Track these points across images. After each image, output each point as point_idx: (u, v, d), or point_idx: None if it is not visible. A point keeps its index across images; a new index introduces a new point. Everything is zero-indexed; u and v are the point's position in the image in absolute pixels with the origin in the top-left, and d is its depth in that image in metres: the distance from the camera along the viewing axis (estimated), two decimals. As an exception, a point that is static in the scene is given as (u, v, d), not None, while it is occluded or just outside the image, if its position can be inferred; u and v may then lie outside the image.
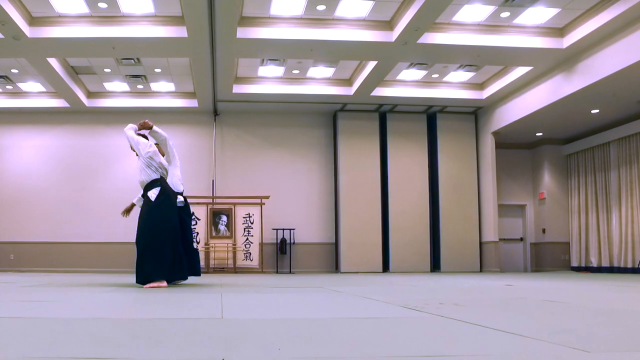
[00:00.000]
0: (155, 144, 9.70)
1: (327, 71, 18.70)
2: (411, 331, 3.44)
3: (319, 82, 19.47)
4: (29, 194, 21.01)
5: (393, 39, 15.27)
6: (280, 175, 21.25)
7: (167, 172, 9.24)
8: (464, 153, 21.43)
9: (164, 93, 20.53)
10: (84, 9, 14.61)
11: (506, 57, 16.67)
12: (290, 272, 20.06)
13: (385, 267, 20.84)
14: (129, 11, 14.79)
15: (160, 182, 8.99)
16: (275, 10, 14.74)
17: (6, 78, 18.95)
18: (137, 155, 9.14)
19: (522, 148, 22.96)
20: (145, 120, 9.25)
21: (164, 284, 8.53)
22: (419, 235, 20.94)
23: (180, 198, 9.65)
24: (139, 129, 9.19)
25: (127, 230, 19.70)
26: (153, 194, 8.87)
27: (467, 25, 15.42)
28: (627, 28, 14.35)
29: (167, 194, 8.99)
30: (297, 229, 20.84)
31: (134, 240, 8.77)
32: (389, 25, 15.30)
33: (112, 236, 20.42)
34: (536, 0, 14.00)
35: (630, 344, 2.90)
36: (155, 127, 9.35)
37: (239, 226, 19.92)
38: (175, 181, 9.73)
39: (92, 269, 20.09)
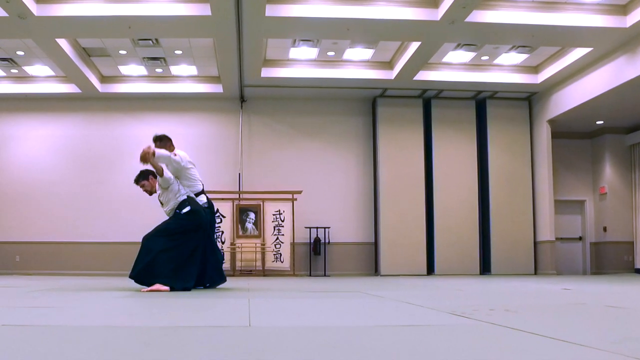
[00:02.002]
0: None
1: (366, 53, 18.65)
2: (458, 340, 3.44)
3: (357, 65, 19.41)
4: (36, 189, 20.88)
5: (438, 17, 15.19)
6: (314, 168, 21.20)
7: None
8: (516, 143, 21.27)
9: (185, 77, 20.52)
10: (98, -15, 14.69)
11: (563, 38, 16.53)
12: (324, 275, 20.07)
13: (430, 270, 20.74)
14: (147, -13, 14.84)
15: (189, 202, 9.38)
16: (308, -14, 14.74)
17: (11, 61, 18.85)
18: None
19: (580, 138, 22.73)
20: (143, 149, 9.22)
21: (167, 288, 8.76)
22: (466, 234, 20.83)
23: (204, 199, 9.86)
24: (140, 161, 9.30)
25: (146, 229, 19.75)
26: (184, 211, 9.24)
27: (521, 1, 15.29)
28: (699, 3, 14.21)
29: (199, 213, 9.35)
30: (333, 228, 20.75)
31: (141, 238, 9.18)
32: (434, 2, 15.23)
33: (129, 236, 19.95)
34: (598, -27, 13.90)
35: (702, 356, 2.87)
36: (157, 152, 9.35)
37: (268, 224, 19.92)
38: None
39: (107, 271, 19.90)
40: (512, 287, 10.77)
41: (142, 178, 9.86)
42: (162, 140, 9.85)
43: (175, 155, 9.63)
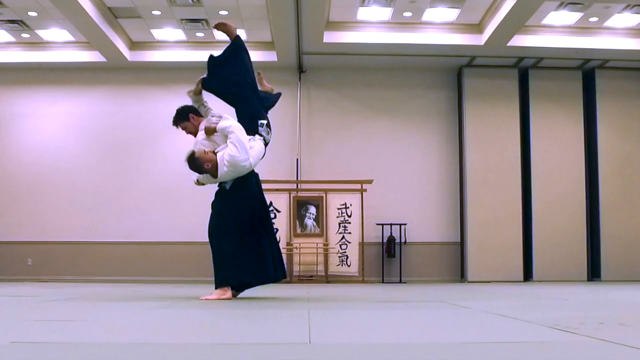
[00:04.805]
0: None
1: (450, 13, 18.60)
2: (561, 360, 3.44)
3: (439, 28, 19.32)
4: (52, 178, 20.71)
5: (537, -30, 15.10)
6: (387, 152, 21.10)
7: None
8: (632, 122, 21.00)
9: (232, 43, 20.45)
10: None
11: (691, -7, 16.33)
12: (400, 282, 19.99)
13: (527, 275, 20.60)
14: None
15: None
16: None
17: (22, 23, 18.68)
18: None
19: None
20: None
21: (228, 294, 8.90)
22: (572, 232, 20.61)
23: None
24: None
25: (185, 225, 19.82)
26: (228, 183, 9.25)
27: (638, -51, 15.15)
28: None
29: (247, 180, 9.29)
30: (410, 224, 20.62)
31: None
32: (531, -49, 15.15)
33: (162, 234, 20.34)
34: None
35: None
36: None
37: (332, 220, 19.89)
38: None
39: (137, 277, 19.95)
40: (627, 296, 10.69)
41: (182, 118, 9.82)
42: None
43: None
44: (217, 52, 20.39)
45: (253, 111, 9.64)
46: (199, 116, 9.73)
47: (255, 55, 20.27)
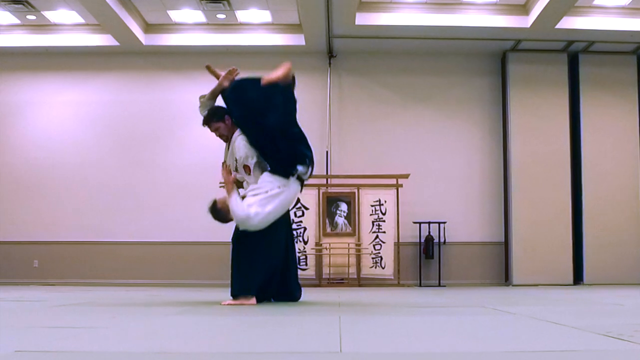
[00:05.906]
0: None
1: (492, -7, 18.52)
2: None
3: (481, 9, 19.23)
4: (60, 173, 20.66)
5: (589, -55, 15.03)
6: (424, 145, 21.03)
7: None
8: (693, 111, 20.94)
9: (256, 26, 20.41)
10: None
11: None
12: (439, 285, 19.89)
13: (578, 278, 20.49)
14: None
15: None
16: None
17: (27, 4, 18.53)
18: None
19: None
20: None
21: (252, 300, 8.93)
22: (626, 231, 20.48)
23: None
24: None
25: (205, 224, 19.66)
26: None
27: None
28: None
29: None
30: (450, 223, 20.52)
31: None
32: None
33: (181, 234, 20.27)
34: None
35: None
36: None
37: (365, 219, 19.84)
38: None
39: (153, 280, 19.93)
40: (688, 302, 10.65)
41: (216, 118, 9.65)
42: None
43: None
44: (239, 36, 20.56)
45: (288, 155, 9.61)
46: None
47: (281, 39, 20.52)
